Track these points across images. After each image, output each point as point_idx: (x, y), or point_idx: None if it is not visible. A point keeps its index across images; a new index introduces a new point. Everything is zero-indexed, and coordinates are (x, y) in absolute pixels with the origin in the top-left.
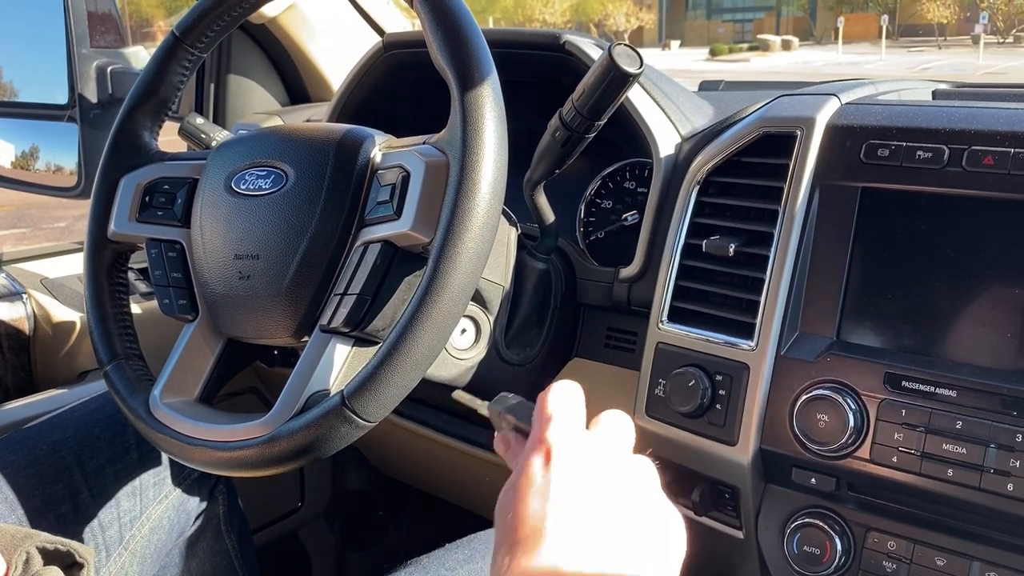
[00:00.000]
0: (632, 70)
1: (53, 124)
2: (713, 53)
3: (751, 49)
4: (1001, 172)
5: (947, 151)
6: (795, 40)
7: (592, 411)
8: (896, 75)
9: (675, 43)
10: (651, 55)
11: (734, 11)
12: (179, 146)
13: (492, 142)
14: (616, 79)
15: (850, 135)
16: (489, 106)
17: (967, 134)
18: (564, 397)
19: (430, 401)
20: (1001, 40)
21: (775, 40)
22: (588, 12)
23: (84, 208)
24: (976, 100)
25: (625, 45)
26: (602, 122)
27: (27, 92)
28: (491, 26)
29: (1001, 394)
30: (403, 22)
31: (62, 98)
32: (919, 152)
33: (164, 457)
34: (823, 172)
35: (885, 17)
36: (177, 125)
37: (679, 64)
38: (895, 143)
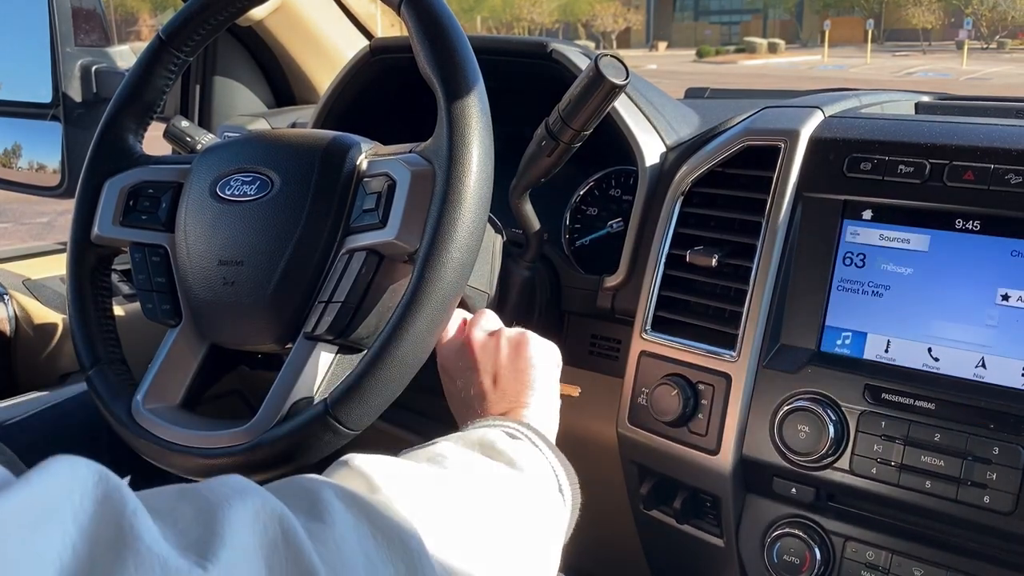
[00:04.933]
0: (618, 81)
1: (36, 122)
2: (700, 55)
3: (738, 51)
4: (981, 187)
5: (928, 166)
6: (781, 43)
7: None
8: (881, 80)
9: (663, 44)
10: (639, 56)
11: (721, 13)
12: (163, 146)
13: (478, 152)
14: (602, 90)
15: (833, 148)
16: (475, 115)
17: (948, 149)
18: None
19: (415, 407)
20: (985, 46)
21: (762, 43)
22: (576, 12)
23: (67, 204)
24: (958, 115)
25: (611, 56)
26: (588, 132)
27: (9, 89)
28: (478, 25)
29: (979, 407)
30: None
31: (46, 96)
32: (901, 166)
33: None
34: (806, 185)
35: (871, 21)
36: (162, 124)
37: (666, 65)
38: (877, 157)
